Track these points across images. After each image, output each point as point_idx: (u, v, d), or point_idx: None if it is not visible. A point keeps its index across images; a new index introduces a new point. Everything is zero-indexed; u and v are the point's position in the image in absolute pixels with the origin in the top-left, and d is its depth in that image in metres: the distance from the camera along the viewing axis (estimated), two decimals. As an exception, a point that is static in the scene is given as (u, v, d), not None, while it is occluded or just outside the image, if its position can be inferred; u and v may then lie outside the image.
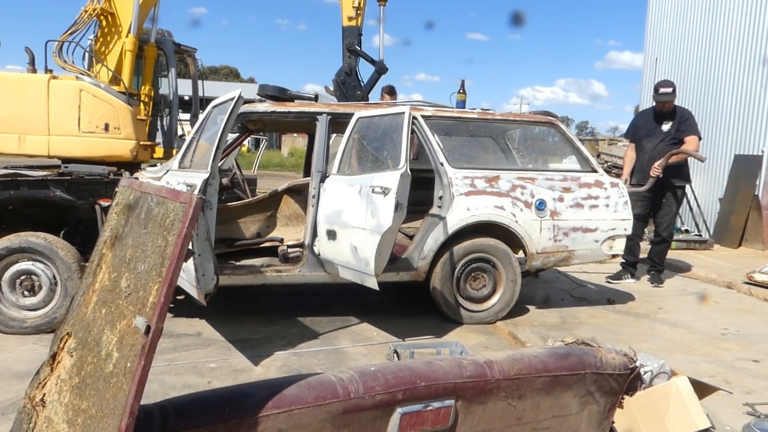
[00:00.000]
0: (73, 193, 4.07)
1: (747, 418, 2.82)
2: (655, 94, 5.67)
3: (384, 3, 6.64)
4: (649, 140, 5.69)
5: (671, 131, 5.62)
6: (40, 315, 3.95)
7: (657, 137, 5.65)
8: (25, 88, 4.55)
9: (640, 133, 5.81)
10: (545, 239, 4.43)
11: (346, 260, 3.84)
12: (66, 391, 1.58)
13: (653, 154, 5.57)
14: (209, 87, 7.37)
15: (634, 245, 5.81)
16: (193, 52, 6.63)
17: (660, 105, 5.69)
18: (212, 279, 3.27)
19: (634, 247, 5.83)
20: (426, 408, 1.79)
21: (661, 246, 5.91)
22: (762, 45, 8.52)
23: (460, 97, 6.22)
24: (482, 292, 4.45)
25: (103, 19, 5.09)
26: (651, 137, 5.69)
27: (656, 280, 5.90)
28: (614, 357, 2.17)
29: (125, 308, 1.51)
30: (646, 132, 5.75)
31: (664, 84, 5.69)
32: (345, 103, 5.44)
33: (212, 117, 3.81)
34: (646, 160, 5.63)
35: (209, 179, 3.37)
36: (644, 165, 5.64)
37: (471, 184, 4.32)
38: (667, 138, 5.62)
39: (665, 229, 5.85)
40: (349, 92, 6.31)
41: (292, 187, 5.24)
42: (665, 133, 5.64)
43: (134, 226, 1.69)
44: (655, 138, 5.66)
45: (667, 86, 5.64)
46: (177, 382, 3.20)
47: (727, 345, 4.09)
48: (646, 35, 11.54)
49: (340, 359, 3.66)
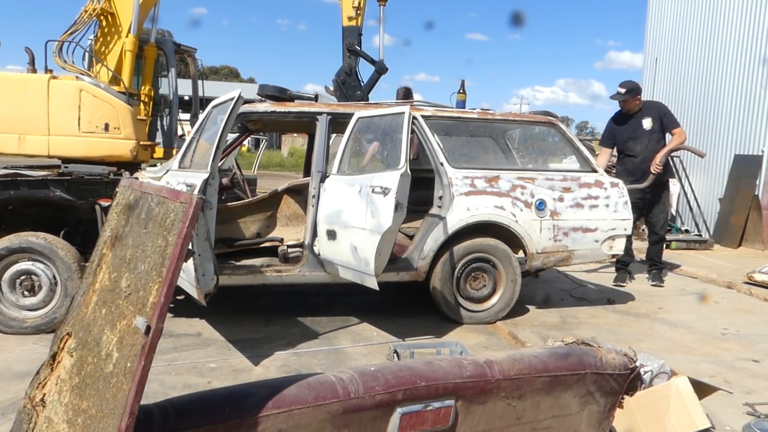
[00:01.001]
0: (73, 193, 4.07)
1: (747, 418, 2.82)
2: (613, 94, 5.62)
3: (384, 3, 6.64)
4: (636, 142, 5.61)
5: (655, 128, 5.58)
6: (40, 315, 3.95)
7: (643, 137, 5.59)
8: (25, 88, 4.55)
9: (622, 137, 5.71)
10: (545, 239, 4.43)
11: (346, 260, 3.84)
12: (66, 391, 1.58)
13: (646, 154, 5.52)
14: (209, 87, 7.38)
15: (629, 245, 5.77)
16: (193, 52, 6.64)
17: (621, 105, 5.64)
18: (212, 279, 3.27)
19: (629, 247, 5.78)
20: (426, 408, 1.79)
21: (660, 244, 5.91)
22: (762, 45, 8.52)
23: (460, 97, 6.23)
24: (482, 292, 4.45)
25: (103, 19, 5.09)
26: (636, 138, 5.62)
27: (658, 278, 5.88)
28: (614, 357, 2.17)
29: (125, 308, 1.51)
30: (629, 134, 5.67)
31: (622, 84, 5.61)
32: (345, 103, 5.44)
33: (212, 117, 3.81)
34: (638, 161, 5.57)
35: (209, 179, 3.37)
36: (637, 167, 5.57)
37: (471, 184, 4.32)
38: (653, 135, 5.58)
39: (662, 227, 5.85)
40: (349, 92, 6.30)
41: (292, 187, 5.24)
42: (649, 131, 5.58)
43: (134, 226, 1.69)
44: (642, 138, 5.59)
45: (622, 86, 5.57)
46: (177, 382, 3.20)
47: (727, 345, 4.09)
48: (646, 35, 11.54)
49: (340, 359, 3.66)
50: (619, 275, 5.89)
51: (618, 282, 5.83)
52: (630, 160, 5.69)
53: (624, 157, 5.78)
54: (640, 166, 5.55)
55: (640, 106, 5.66)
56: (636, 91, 5.60)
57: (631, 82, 5.67)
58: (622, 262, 5.81)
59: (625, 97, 5.56)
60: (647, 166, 5.48)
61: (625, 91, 5.55)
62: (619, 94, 5.57)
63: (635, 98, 5.60)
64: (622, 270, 5.90)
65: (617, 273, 5.91)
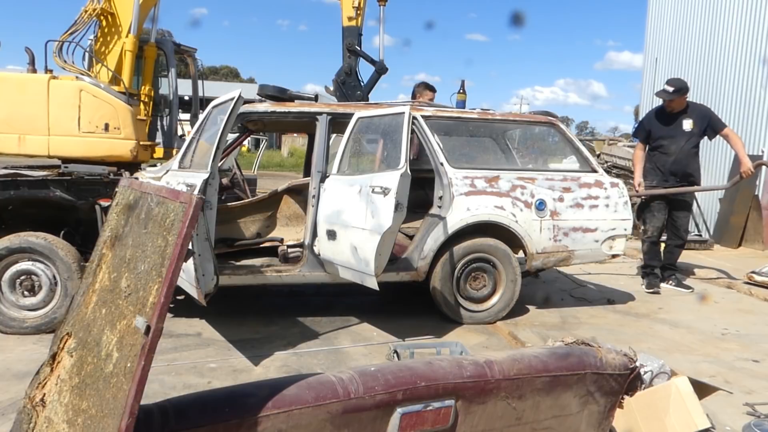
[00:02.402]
0: (73, 193, 4.07)
1: (747, 418, 2.82)
2: (659, 91, 5.43)
3: (384, 3, 6.64)
4: (673, 141, 5.40)
5: (695, 131, 5.37)
6: (40, 315, 3.95)
7: (681, 138, 5.38)
8: (25, 88, 4.55)
9: (659, 133, 5.47)
10: (545, 239, 4.43)
11: (346, 260, 3.84)
12: (66, 391, 1.58)
13: (679, 156, 5.36)
14: (209, 87, 7.37)
15: (658, 249, 5.64)
16: (193, 52, 6.63)
17: (666, 103, 5.43)
18: (212, 279, 3.27)
19: (658, 251, 5.65)
20: (426, 408, 1.79)
21: (681, 249, 5.67)
22: (762, 45, 8.52)
23: (460, 97, 6.22)
24: (482, 292, 4.45)
25: (103, 19, 5.09)
26: (673, 137, 5.40)
27: (682, 284, 5.64)
28: (614, 357, 2.17)
29: (125, 308, 1.51)
30: (666, 132, 5.44)
31: (669, 82, 5.43)
32: (345, 103, 5.44)
33: (212, 117, 3.81)
34: (670, 161, 5.39)
35: (209, 179, 3.37)
36: (668, 166, 5.39)
37: (471, 184, 4.32)
38: (692, 138, 5.39)
39: (686, 231, 5.65)
40: (349, 92, 6.30)
41: (292, 187, 5.24)
42: (689, 132, 5.37)
43: (134, 226, 1.69)
44: (679, 138, 5.38)
45: (671, 85, 5.37)
46: (177, 382, 3.20)
47: (727, 345, 4.09)
48: (646, 35, 11.54)
49: (340, 359, 3.66)
50: (651, 281, 5.59)
51: (653, 288, 5.52)
52: (661, 158, 5.46)
53: (656, 154, 5.53)
54: (670, 167, 5.37)
55: (684, 106, 5.43)
56: (684, 91, 5.37)
57: (679, 80, 5.48)
58: (650, 266, 5.62)
59: (672, 96, 5.34)
60: (678, 168, 5.33)
61: (673, 90, 5.32)
62: (666, 92, 5.35)
63: (682, 97, 5.37)
64: (651, 275, 5.62)
65: (647, 279, 5.63)
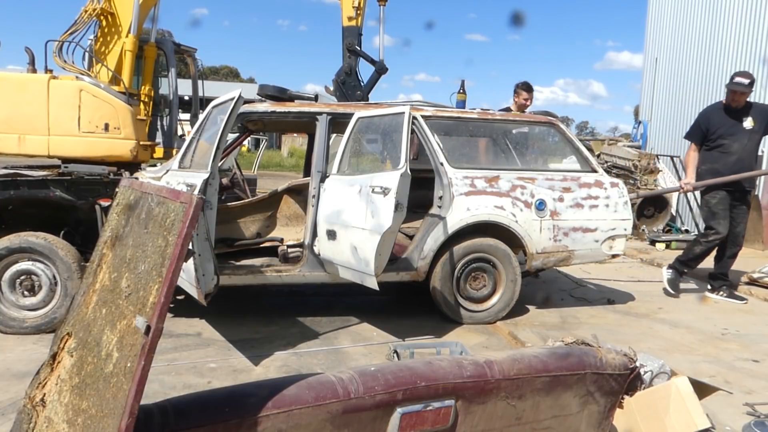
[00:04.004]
0: (73, 193, 4.07)
1: (747, 418, 2.82)
2: (729, 83, 5.17)
3: (384, 3, 6.65)
4: (734, 139, 5.17)
5: (756, 128, 5.18)
6: (40, 315, 3.95)
7: (743, 135, 5.17)
8: (25, 88, 4.55)
9: (718, 132, 5.22)
10: (545, 239, 4.43)
11: (346, 260, 3.84)
12: (66, 391, 1.58)
13: (742, 155, 5.16)
14: (209, 87, 7.37)
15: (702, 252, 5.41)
16: (193, 52, 6.64)
17: (732, 96, 5.15)
18: (212, 279, 3.27)
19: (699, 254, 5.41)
20: (426, 408, 1.79)
21: (735, 258, 5.46)
22: (762, 45, 8.52)
23: (460, 97, 6.24)
24: (482, 292, 4.45)
25: (103, 19, 5.09)
26: (735, 136, 5.17)
27: (735, 296, 5.42)
28: (614, 357, 2.17)
29: (125, 308, 1.51)
30: (727, 131, 5.20)
31: (741, 74, 5.21)
32: (345, 103, 5.44)
33: (212, 117, 3.81)
34: (732, 160, 5.17)
35: (209, 179, 3.37)
36: (729, 166, 5.16)
37: (471, 184, 4.32)
38: (754, 136, 5.21)
39: (743, 237, 5.45)
40: (349, 92, 6.31)
41: (292, 187, 5.24)
42: (750, 131, 5.17)
43: (134, 226, 1.70)
44: (741, 136, 5.16)
45: (745, 77, 5.14)
46: (177, 382, 3.20)
47: (727, 345, 4.09)
48: (646, 35, 11.54)
49: (340, 359, 3.66)
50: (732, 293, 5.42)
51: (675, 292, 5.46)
52: (721, 158, 5.21)
53: (714, 154, 5.27)
54: (732, 166, 5.15)
55: (745, 102, 5.22)
56: (753, 84, 5.21)
57: (750, 73, 5.29)
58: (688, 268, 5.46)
59: (748, 89, 5.11)
60: (741, 167, 5.17)
61: (748, 82, 5.10)
62: (742, 84, 5.10)
63: (750, 92, 5.19)
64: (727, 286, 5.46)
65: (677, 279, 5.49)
